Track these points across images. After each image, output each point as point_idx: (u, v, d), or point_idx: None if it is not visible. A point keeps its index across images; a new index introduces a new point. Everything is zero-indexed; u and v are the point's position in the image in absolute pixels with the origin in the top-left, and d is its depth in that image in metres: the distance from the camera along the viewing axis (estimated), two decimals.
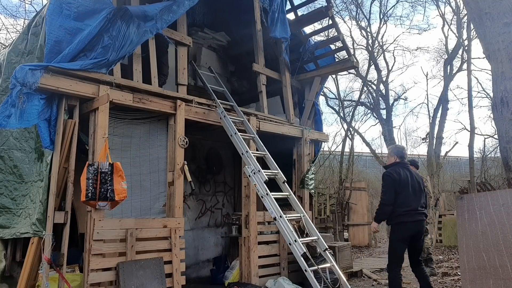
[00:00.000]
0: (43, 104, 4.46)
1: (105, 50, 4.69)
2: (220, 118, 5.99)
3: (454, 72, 19.45)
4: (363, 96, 20.53)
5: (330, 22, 7.45)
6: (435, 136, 19.03)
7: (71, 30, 4.54)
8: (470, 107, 12.62)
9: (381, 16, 19.94)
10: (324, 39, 12.15)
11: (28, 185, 4.67)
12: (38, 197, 4.47)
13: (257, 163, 5.58)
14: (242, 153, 5.74)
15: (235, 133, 5.81)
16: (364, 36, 20.32)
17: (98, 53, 4.67)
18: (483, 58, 18.65)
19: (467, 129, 15.76)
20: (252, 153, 5.71)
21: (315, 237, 5.43)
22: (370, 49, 19.64)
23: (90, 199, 4.27)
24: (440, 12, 19.82)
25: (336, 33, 7.35)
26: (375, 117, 20.84)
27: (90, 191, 4.27)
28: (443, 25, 19.69)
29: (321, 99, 17.80)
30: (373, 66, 19.67)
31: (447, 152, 19.92)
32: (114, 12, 4.68)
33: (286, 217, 5.19)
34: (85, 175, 4.30)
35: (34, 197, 4.55)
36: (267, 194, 5.29)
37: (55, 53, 4.46)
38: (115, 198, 4.35)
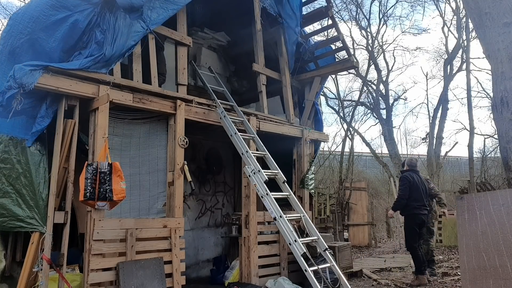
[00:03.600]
0: (30, 102, 4.40)
1: (99, 45, 4.67)
2: (220, 118, 5.99)
3: (454, 72, 19.46)
4: (363, 96, 20.53)
5: (330, 22, 7.46)
6: (435, 136, 19.04)
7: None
8: (470, 107, 12.62)
9: (381, 16, 19.96)
10: (324, 39, 12.15)
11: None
12: (37, 190, 4.46)
13: (257, 163, 5.58)
14: (242, 153, 5.74)
15: (235, 133, 5.81)
16: (364, 36, 20.33)
17: (93, 49, 4.66)
18: (483, 58, 18.69)
19: (467, 129, 15.77)
20: (252, 153, 5.71)
21: (315, 237, 5.43)
22: (370, 49, 19.65)
23: (89, 199, 4.27)
24: (440, 12, 19.83)
25: (336, 33, 7.36)
26: (375, 117, 20.84)
27: (88, 190, 4.27)
28: (443, 25, 19.71)
29: (321, 99, 17.82)
30: (373, 66, 19.68)
31: (447, 152, 19.93)
32: (102, 5, 4.67)
33: (286, 217, 5.19)
34: (84, 174, 4.30)
35: (35, 188, 4.53)
36: (267, 194, 5.29)
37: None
38: (114, 198, 4.35)
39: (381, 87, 20.38)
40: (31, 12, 4.39)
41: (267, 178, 5.41)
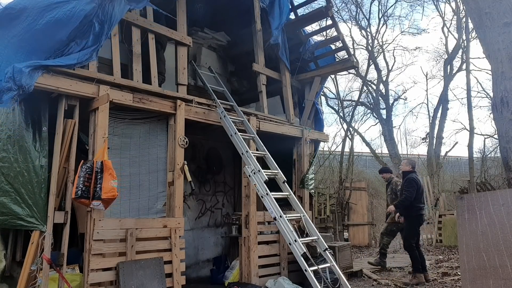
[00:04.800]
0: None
1: (96, 36, 4.63)
2: (220, 118, 5.99)
3: (454, 72, 19.47)
4: (363, 96, 20.56)
5: (330, 22, 7.45)
6: (435, 136, 19.05)
7: None
8: (470, 107, 12.63)
9: (380, 16, 19.98)
10: (324, 39, 12.15)
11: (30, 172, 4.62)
12: (36, 189, 4.46)
13: (257, 163, 5.58)
14: (242, 153, 5.74)
15: (235, 133, 5.81)
16: (364, 36, 20.36)
17: (90, 40, 4.59)
18: (483, 58, 18.71)
19: (467, 129, 15.78)
20: (252, 153, 5.71)
21: (315, 237, 5.43)
22: (370, 49, 19.66)
23: (80, 197, 4.25)
24: (440, 12, 19.85)
25: (336, 33, 7.35)
26: (375, 117, 20.87)
27: (80, 188, 4.26)
28: (443, 25, 19.72)
29: (321, 99, 17.80)
30: (373, 66, 19.71)
31: (447, 152, 19.96)
32: None
33: (286, 217, 5.19)
34: (78, 173, 4.30)
35: (33, 187, 4.51)
36: (267, 194, 5.29)
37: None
38: (102, 196, 4.30)
39: (381, 87, 20.40)
40: None
41: (267, 178, 5.41)
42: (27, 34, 4.37)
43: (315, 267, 4.96)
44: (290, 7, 7.19)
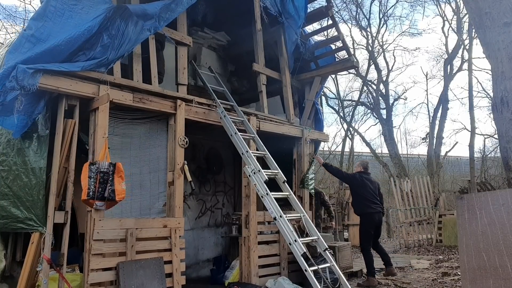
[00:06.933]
0: (26, 99, 4.32)
1: (104, 49, 4.64)
2: (220, 118, 5.99)
3: (454, 72, 19.47)
4: (363, 96, 20.59)
5: (330, 22, 7.45)
6: (435, 136, 19.05)
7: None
8: (471, 107, 12.62)
9: (381, 16, 19.99)
10: (324, 39, 12.16)
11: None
12: (34, 192, 4.46)
13: (257, 163, 5.58)
14: (242, 153, 5.74)
15: (235, 133, 5.81)
16: (364, 36, 20.37)
17: (98, 52, 4.61)
18: (483, 58, 18.71)
19: (467, 129, 15.79)
20: (252, 153, 5.71)
21: (315, 237, 5.43)
22: (370, 49, 19.66)
23: (91, 198, 4.28)
24: (440, 12, 19.86)
25: (336, 33, 7.35)
26: (375, 117, 20.87)
27: (91, 190, 4.29)
28: (443, 25, 19.73)
29: (322, 99, 17.80)
30: (373, 66, 19.71)
31: (447, 152, 19.95)
32: (114, 11, 4.66)
33: (286, 217, 5.19)
34: (87, 173, 4.30)
35: (31, 190, 4.52)
36: (267, 194, 5.29)
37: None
38: (116, 199, 4.36)
39: (381, 87, 20.40)
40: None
41: (267, 178, 5.41)
42: (47, 56, 4.38)
43: (315, 267, 4.96)
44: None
